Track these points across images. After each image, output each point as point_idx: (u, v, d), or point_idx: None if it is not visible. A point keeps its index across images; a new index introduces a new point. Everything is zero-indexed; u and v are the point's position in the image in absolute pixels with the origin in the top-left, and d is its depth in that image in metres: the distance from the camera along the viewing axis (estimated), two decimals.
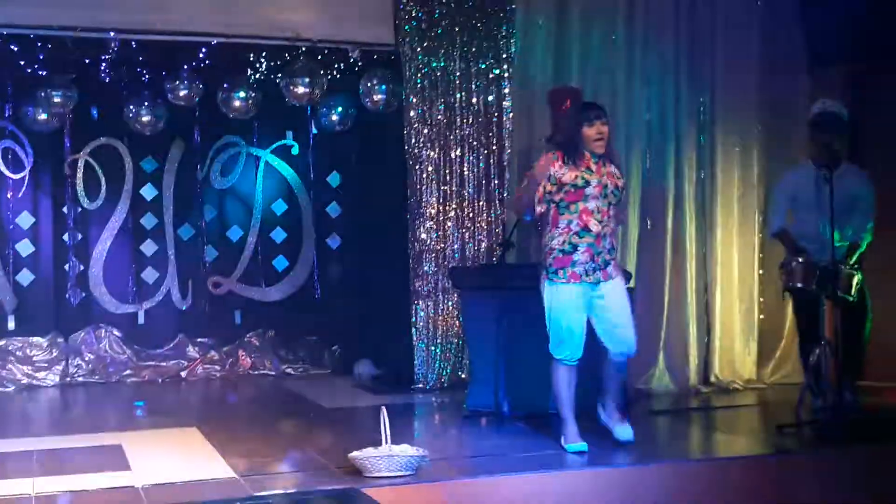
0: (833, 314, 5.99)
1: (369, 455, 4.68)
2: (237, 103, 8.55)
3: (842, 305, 5.99)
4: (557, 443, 5.40)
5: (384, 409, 4.83)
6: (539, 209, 5.32)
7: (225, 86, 8.54)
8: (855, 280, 5.98)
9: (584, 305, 5.29)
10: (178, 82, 8.36)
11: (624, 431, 5.40)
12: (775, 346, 7.86)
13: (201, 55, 8.21)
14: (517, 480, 4.84)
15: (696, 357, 7.59)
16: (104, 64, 8.28)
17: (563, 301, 5.25)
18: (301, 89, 8.24)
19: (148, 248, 9.09)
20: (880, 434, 5.68)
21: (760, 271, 7.79)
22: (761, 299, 7.81)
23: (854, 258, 6.21)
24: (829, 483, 5.22)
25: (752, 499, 5.12)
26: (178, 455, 5.37)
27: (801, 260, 6.08)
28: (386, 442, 4.75)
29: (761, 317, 7.81)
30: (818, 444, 5.59)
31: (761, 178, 7.82)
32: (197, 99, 8.51)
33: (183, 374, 8.67)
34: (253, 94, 8.56)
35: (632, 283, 6.75)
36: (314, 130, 9.34)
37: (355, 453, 4.72)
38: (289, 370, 8.93)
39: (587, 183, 5.23)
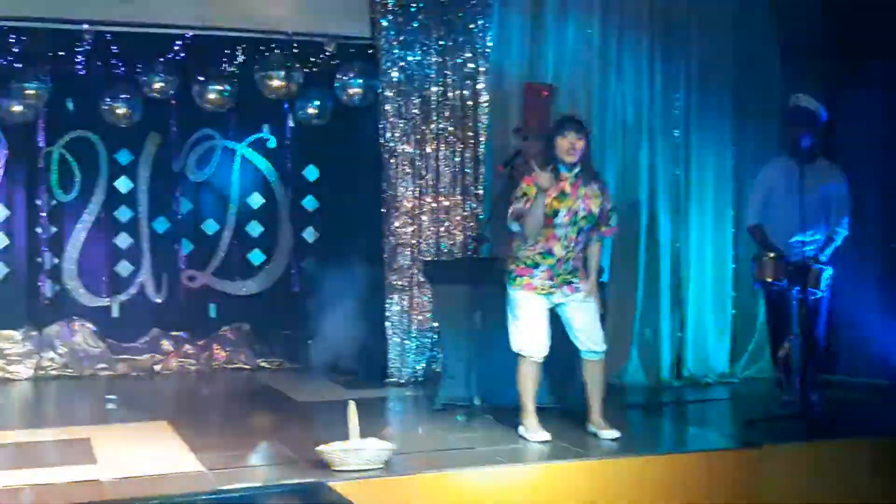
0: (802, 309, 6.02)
1: (337, 449, 4.68)
2: (213, 96, 8.54)
3: (810, 300, 6.02)
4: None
5: (352, 404, 4.83)
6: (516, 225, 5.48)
7: (200, 78, 8.50)
8: (824, 275, 6.00)
9: (546, 309, 5.45)
10: (153, 75, 8.33)
11: (608, 434, 5.49)
12: (748, 340, 7.89)
13: (176, 48, 8.19)
14: (485, 473, 4.84)
15: (669, 351, 7.62)
16: (79, 56, 8.25)
17: (521, 304, 5.43)
18: (276, 82, 8.24)
19: (122, 241, 9.05)
20: (847, 430, 5.73)
21: (734, 266, 7.82)
22: (734, 294, 7.83)
23: (828, 252, 6.24)
24: (797, 477, 5.26)
25: (721, 492, 5.14)
26: (146, 449, 5.34)
27: (771, 255, 6.11)
28: (354, 436, 4.75)
29: (734, 312, 7.84)
30: (787, 439, 5.61)
31: (735, 173, 7.84)
32: (172, 91, 8.49)
33: (157, 367, 8.62)
34: (229, 87, 8.54)
35: (605, 278, 6.79)
36: (291, 124, 9.32)
37: (322, 447, 4.72)
38: (264, 364, 8.91)
39: (556, 213, 5.35)
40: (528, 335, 5.40)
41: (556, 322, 5.53)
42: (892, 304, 6.94)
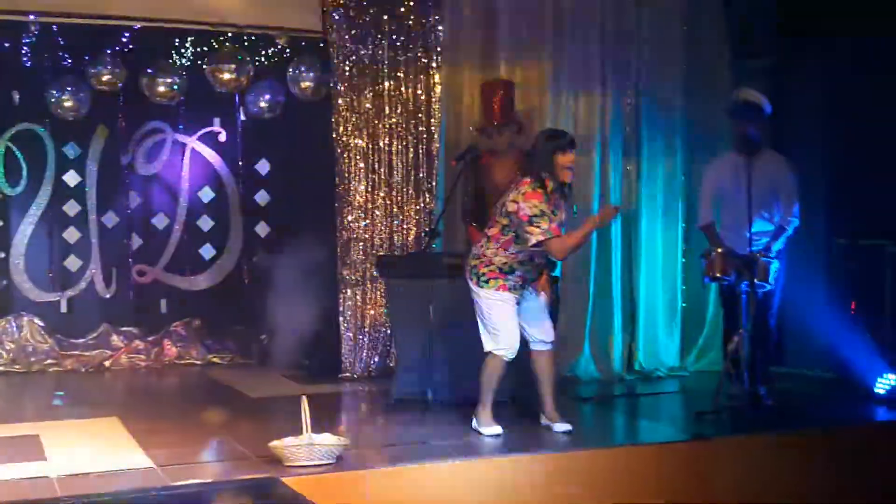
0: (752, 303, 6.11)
1: (289, 444, 4.67)
2: (162, 89, 8.42)
3: (759, 293, 6.11)
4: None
5: (304, 399, 4.82)
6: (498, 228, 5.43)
7: (149, 71, 8.40)
8: (772, 268, 6.09)
9: (515, 305, 5.50)
10: (101, 67, 8.21)
11: (561, 426, 5.56)
12: (698, 334, 8.00)
13: (125, 39, 8.09)
14: (439, 468, 4.86)
15: (621, 345, 7.68)
16: (25, 48, 8.12)
17: (496, 305, 5.44)
18: (227, 75, 8.17)
19: (70, 235, 8.89)
20: (794, 421, 5.83)
21: (683, 260, 7.91)
22: (684, 288, 7.93)
23: (780, 242, 6.33)
24: (747, 468, 5.34)
25: (672, 483, 5.21)
26: (96, 446, 5.29)
27: (720, 250, 6.19)
28: (306, 431, 4.74)
29: (684, 305, 7.93)
30: (735, 431, 5.71)
31: (685, 168, 7.93)
32: (121, 84, 8.36)
33: (107, 363, 8.51)
34: (178, 80, 8.44)
35: (557, 272, 6.83)
36: (242, 117, 9.22)
37: (275, 442, 4.71)
38: (215, 359, 8.83)
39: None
40: (505, 335, 5.43)
41: None
42: (839, 297, 7.06)
